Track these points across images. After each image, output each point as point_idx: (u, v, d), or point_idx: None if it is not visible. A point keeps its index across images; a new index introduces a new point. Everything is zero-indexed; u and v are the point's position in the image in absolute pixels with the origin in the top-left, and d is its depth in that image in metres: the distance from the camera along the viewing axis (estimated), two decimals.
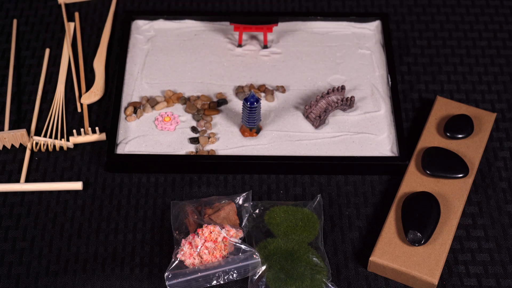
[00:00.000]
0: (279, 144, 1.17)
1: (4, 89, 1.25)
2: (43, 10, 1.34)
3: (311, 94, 1.23)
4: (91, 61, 1.28)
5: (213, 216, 1.07)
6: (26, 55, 1.29)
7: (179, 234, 1.06)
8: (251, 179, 1.15)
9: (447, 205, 1.10)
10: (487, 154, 1.18)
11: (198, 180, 1.15)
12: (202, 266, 1.03)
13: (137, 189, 1.14)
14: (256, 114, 1.15)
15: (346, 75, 1.25)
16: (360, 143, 1.17)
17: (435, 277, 1.03)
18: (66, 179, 1.15)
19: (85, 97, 1.23)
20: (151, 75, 1.25)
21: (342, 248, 1.09)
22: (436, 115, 1.19)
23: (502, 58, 1.29)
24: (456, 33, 1.32)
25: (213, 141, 1.17)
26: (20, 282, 1.05)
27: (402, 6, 1.36)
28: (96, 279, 1.05)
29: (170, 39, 1.29)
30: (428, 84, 1.26)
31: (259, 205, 1.10)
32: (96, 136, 1.18)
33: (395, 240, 1.06)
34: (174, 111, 1.20)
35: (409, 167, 1.14)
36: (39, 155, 1.17)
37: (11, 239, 1.09)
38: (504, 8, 1.36)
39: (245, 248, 1.04)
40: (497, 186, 1.15)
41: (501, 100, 1.24)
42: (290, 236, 1.07)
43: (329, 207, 1.12)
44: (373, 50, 1.28)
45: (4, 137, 1.16)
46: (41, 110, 1.22)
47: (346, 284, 1.05)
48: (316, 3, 1.36)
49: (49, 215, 1.11)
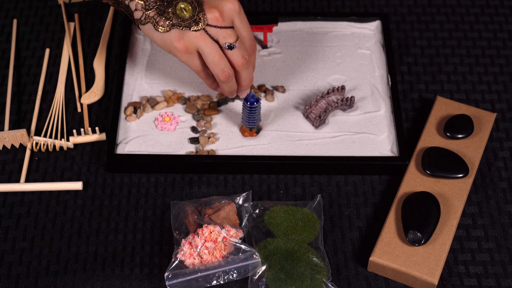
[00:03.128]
0: (279, 144, 1.17)
1: (4, 89, 1.25)
2: (43, 10, 1.34)
3: (311, 94, 1.23)
4: (91, 61, 1.28)
5: (213, 216, 1.08)
6: (26, 55, 1.29)
7: (179, 234, 1.06)
8: (251, 179, 1.15)
9: (447, 205, 1.10)
10: (487, 154, 1.18)
11: (198, 180, 1.15)
12: (202, 266, 1.03)
13: (137, 189, 1.14)
14: (256, 114, 1.15)
15: (346, 75, 1.25)
16: (360, 143, 1.17)
17: (435, 277, 1.03)
18: (66, 179, 1.15)
19: (85, 97, 1.23)
20: (151, 75, 1.25)
21: (342, 248, 1.09)
22: (436, 115, 1.19)
23: (502, 58, 1.29)
24: (456, 33, 1.32)
25: (213, 141, 1.17)
26: (20, 282, 1.05)
27: (402, 6, 1.36)
28: (96, 279, 1.05)
29: None
30: (428, 84, 1.26)
31: (259, 205, 1.10)
32: (96, 136, 1.18)
33: (395, 240, 1.06)
34: (174, 111, 1.20)
35: (409, 167, 1.14)
36: (39, 155, 1.17)
37: (11, 239, 1.09)
38: (504, 8, 1.36)
39: (245, 248, 1.04)
40: (497, 186, 1.15)
41: (501, 100, 1.24)
42: (290, 236, 1.07)
43: (329, 207, 1.12)
44: (373, 50, 1.28)
45: (4, 137, 1.16)
46: (41, 110, 1.22)
47: (346, 284, 1.05)
48: (316, 3, 1.36)
49: (49, 215, 1.11)
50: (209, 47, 1.10)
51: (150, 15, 1.10)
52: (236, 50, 1.11)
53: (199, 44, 1.10)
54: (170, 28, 1.09)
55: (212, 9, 1.10)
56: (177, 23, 1.09)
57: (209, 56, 1.10)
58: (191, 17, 1.09)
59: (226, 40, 1.10)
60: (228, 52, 1.11)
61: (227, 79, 1.12)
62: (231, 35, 1.10)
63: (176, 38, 1.09)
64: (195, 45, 1.10)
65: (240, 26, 1.13)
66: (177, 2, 1.09)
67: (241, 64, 1.12)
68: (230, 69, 1.11)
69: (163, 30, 1.09)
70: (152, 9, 1.09)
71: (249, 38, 1.14)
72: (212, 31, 1.10)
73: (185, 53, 1.10)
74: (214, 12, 1.09)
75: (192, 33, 1.09)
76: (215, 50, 1.10)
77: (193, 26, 1.09)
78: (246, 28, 1.13)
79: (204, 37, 1.09)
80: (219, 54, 1.10)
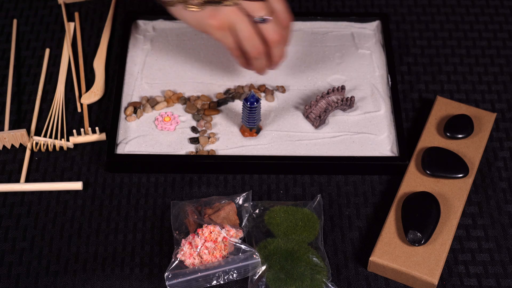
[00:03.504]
0: (279, 144, 1.17)
1: (4, 89, 1.25)
2: (43, 10, 1.34)
3: (311, 94, 1.23)
4: (91, 61, 1.28)
5: (213, 216, 1.08)
6: (26, 55, 1.29)
7: (179, 234, 1.06)
8: (251, 179, 1.15)
9: (447, 205, 1.10)
10: (487, 154, 1.18)
11: (198, 180, 1.15)
12: (202, 266, 1.03)
13: (137, 189, 1.14)
14: (256, 114, 1.15)
15: (346, 75, 1.25)
16: (360, 143, 1.17)
17: (435, 277, 1.03)
18: (66, 179, 1.15)
19: (85, 97, 1.23)
20: (151, 75, 1.25)
21: (342, 248, 1.09)
22: (436, 115, 1.19)
23: (502, 58, 1.29)
24: (456, 33, 1.32)
25: (213, 141, 1.17)
26: (20, 282, 1.05)
27: (402, 6, 1.36)
28: (96, 279, 1.05)
29: (170, 39, 1.29)
30: (428, 84, 1.26)
31: (259, 205, 1.10)
32: (96, 136, 1.18)
33: (395, 240, 1.06)
34: (174, 111, 1.20)
35: (409, 167, 1.14)
36: (39, 155, 1.17)
37: (11, 239, 1.09)
38: (504, 8, 1.36)
39: (245, 248, 1.04)
40: (497, 186, 1.15)
41: (501, 100, 1.24)
42: (290, 236, 1.07)
43: (329, 207, 1.12)
44: (373, 50, 1.28)
45: (4, 137, 1.16)
46: (41, 110, 1.22)
47: (346, 284, 1.05)
48: (316, 3, 1.36)
49: (49, 215, 1.11)
50: (242, 22, 1.07)
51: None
52: (270, 24, 1.08)
53: (232, 19, 1.07)
54: (202, 6, 1.07)
55: None
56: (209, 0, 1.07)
57: (241, 31, 1.08)
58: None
59: (259, 13, 1.07)
60: (262, 27, 1.08)
61: (259, 55, 1.10)
62: (263, 8, 1.08)
63: (209, 15, 1.07)
64: (228, 21, 1.07)
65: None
66: None
67: (275, 40, 1.09)
68: (262, 45, 1.09)
69: (196, 9, 1.07)
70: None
71: (283, 11, 1.11)
72: (245, 5, 1.07)
73: (220, 29, 1.08)
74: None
75: (225, 9, 1.07)
76: (248, 25, 1.07)
77: (225, 1, 1.06)
78: (281, 0, 1.11)
79: (237, 12, 1.07)
80: (251, 28, 1.08)
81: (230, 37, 1.10)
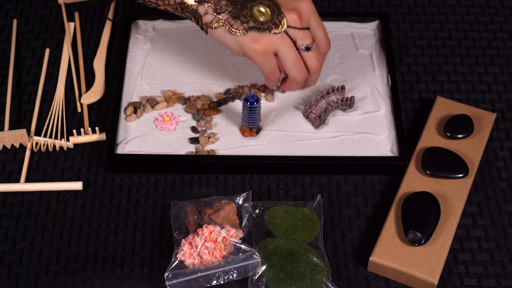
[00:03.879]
0: (279, 144, 1.17)
1: (4, 89, 1.25)
2: (43, 10, 1.34)
3: (311, 94, 1.23)
4: (91, 61, 1.28)
5: (213, 216, 1.08)
6: (26, 55, 1.29)
7: (179, 234, 1.06)
8: (251, 179, 1.15)
9: (447, 205, 1.10)
10: (487, 154, 1.18)
11: (198, 180, 1.15)
12: (202, 266, 1.03)
13: (137, 189, 1.14)
14: (256, 114, 1.15)
15: (346, 75, 1.25)
16: (360, 143, 1.17)
17: (435, 277, 1.03)
18: (66, 179, 1.15)
19: (85, 97, 1.23)
20: (151, 75, 1.25)
21: (342, 248, 1.09)
22: (436, 115, 1.19)
23: (502, 58, 1.29)
24: (456, 33, 1.32)
25: (213, 141, 1.17)
26: (20, 282, 1.05)
27: (402, 6, 1.36)
28: (96, 279, 1.05)
29: (170, 39, 1.29)
30: (428, 84, 1.26)
31: (259, 205, 1.10)
32: (96, 136, 1.18)
33: (395, 240, 1.06)
34: (174, 111, 1.20)
35: (409, 167, 1.14)
36: (39, 155, 1.17)
37: (11, 239, 1.09)
38: (504, 8, 1.36)
39: (245, 248, 1.04)
40: (497, 186, 1.15)
41: (501, 100, 1.24)
42: (290, 236, 1.07)
43: (329, 207, 1.12)
44: (373, 50, 1.28)
45: (4, 137, 1.16)
46: (41, 110, 1.22)
47: (346, 284, 1.05)
48: (316, 3, 1.36)
49: (49, 215, 1.11)
50: (289, 49, 1.10)
51: (222, 18, 1.09)
52: (312, 52, 1.12)
53: (279, 46, 1.10)
54: (247, 31, 1.09)
55: (291, 11, 1.10)
56: (255, 26, 1.09)
57: (289, 58, 1.11)
58: (269, 20, 1.09)
59: (304, 41, 1.11)
60: (304, 53, 1.12)
61: (303, 81, 1.14)
62: (308, 36, 1.11)
63: (253, 40, 1.09)
64: (275, 47, 1.10)
65: (316, 27, 1.13)
66: (252, 5, 1.09)
67: (315, 67, 1.13)
68: (305, 71, 1.13)
69: (241, 33, 1.09)
70: (225, 12, 1.09)
71: (323, 39, 1.15)
72: (291, 32, 1.10)
73: (263, 55, 1.10)
74: (293, 14, 1.10)
75: (272, 36, 1.09)
76: (294, 52, 1.11)
77: (273, 28, 1.09)
78: (322, 28, 1.14)
79: (284, 39, 1.10)
80: (297, 55, 1.11)
81: (272, 62, 1.12)
